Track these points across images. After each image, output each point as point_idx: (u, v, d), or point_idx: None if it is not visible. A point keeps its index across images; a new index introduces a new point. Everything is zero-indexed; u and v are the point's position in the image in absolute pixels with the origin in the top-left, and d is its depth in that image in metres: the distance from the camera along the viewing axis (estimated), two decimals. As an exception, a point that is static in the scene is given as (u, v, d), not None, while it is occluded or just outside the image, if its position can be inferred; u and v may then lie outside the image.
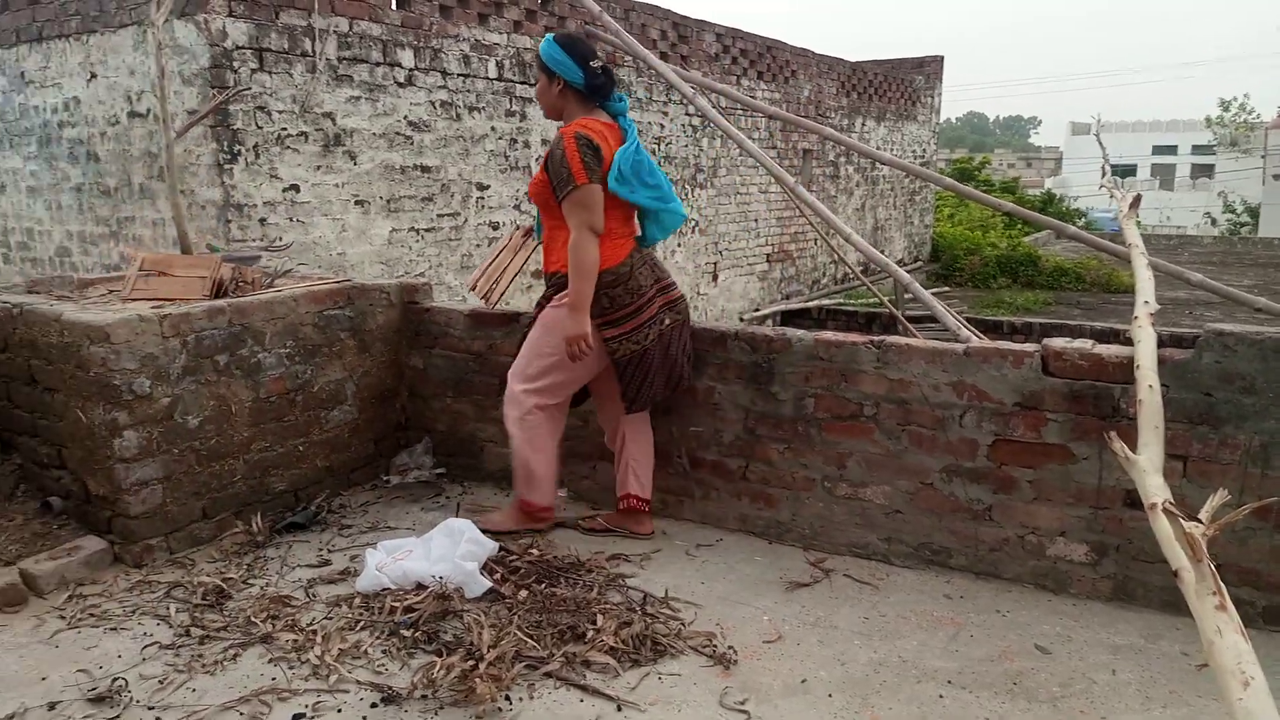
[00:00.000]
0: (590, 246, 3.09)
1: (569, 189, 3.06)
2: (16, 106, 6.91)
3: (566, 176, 3.05)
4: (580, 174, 3.04)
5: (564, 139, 3.08)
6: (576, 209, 3.08)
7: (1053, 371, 2.94)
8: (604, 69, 3.20)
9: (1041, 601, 2.99)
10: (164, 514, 3.26)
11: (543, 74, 3.25)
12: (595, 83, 3.18)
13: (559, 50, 3.17)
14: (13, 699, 2.46)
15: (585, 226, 3.08)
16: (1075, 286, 17.40)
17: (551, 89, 3.24)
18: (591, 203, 3.07)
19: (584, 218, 3.08)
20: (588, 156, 3.05)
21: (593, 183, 3.06)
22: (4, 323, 3.42)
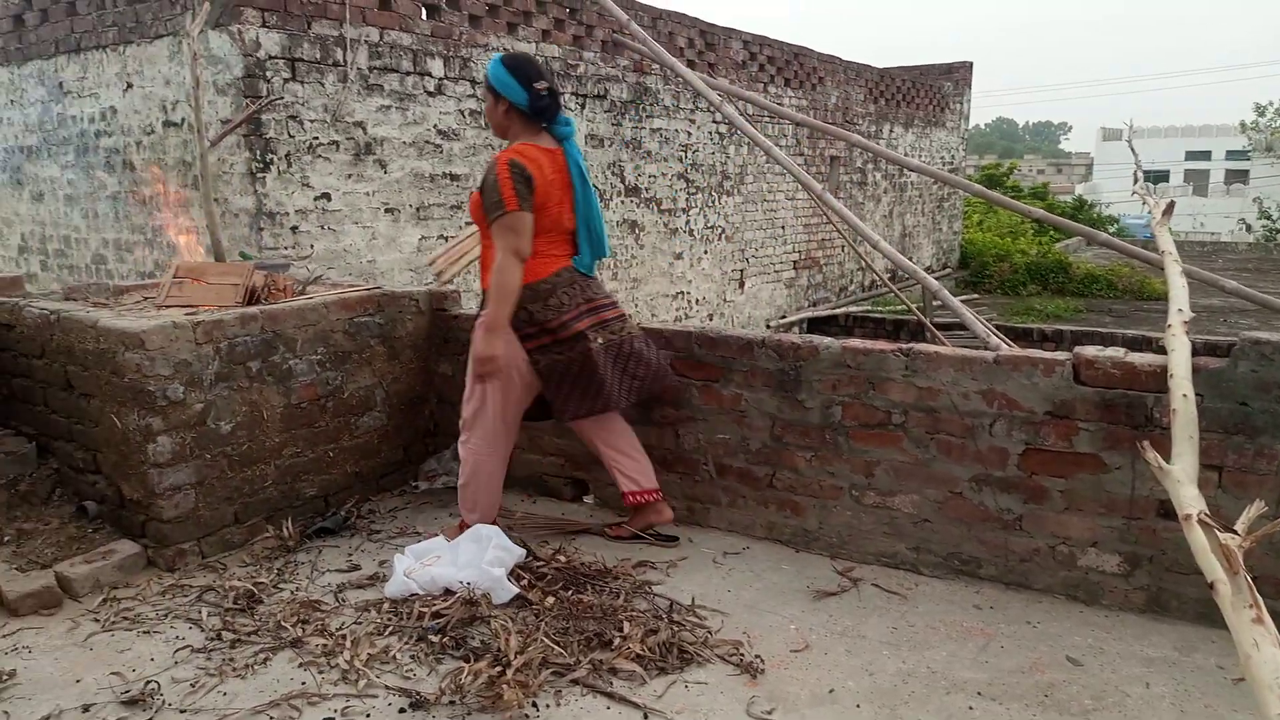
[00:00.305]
0: (513, 271, 3.15)
1: (498, 213, 3.12)
2: (55, 116, 7.04)
3: (496, 201, 3.11)
4: (510, 200, 3.09)
5: (497, 164, 3.14)
6: (503, 233, 3.13)
7: (1084, 380, 2.91)
8: (549, 91, 3.23)
9: (1073, 613, 2.96)
10: (196, 518, 3.30)
11: (490, 94, 3.29)
12: (539, 104, 3.21)
13: (505, 72, 3.21)
14: (48, 700, 2.50)
15: (510, 250, 3.14)
16: (1107, 294, 17.20)
17: (497, 109, 3.28)
18: (519, 228, 3.13)
19: (510, 242, 3.13)
20: (519, 184, 3.11)
21: (522, 210, 3.12)
22: (42, 329, 3.48)
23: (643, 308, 9.53)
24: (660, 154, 9.49)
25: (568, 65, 8.12)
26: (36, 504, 3.54)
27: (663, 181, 9.60)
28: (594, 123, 8.51)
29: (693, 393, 3.60)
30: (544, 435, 4.00)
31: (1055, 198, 32.55)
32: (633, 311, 9.36)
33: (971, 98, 17.49)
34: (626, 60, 8.82)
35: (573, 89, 8.21)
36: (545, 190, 3.19)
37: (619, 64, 8.75)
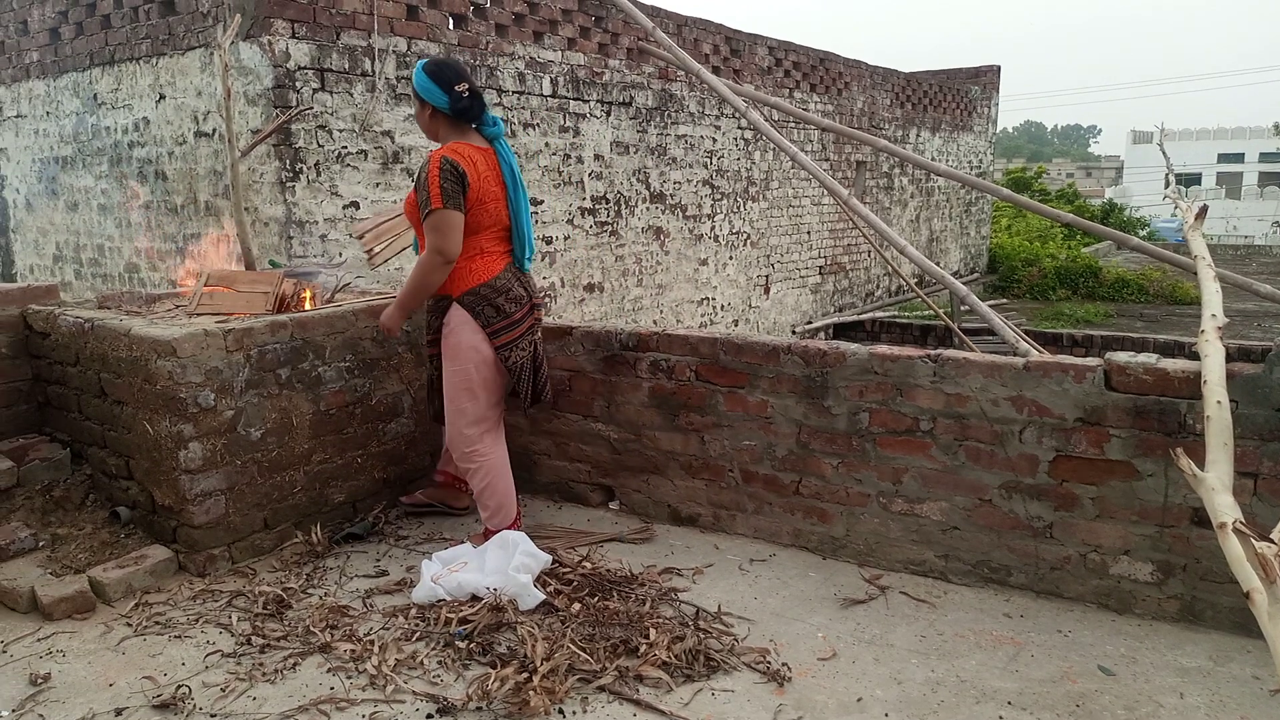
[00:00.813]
0: (435, 270, 3.24)
1: (426, 211, 3.19)
2: (90, 127, 7.16)
3: (425, 199, 3.18)
4: (437, 198, 3.15)
5: (429, 162, 3.20)
6: (430, 231, 3.20)
7: (1116, 386, 2.88)
8: (470, 92, 3.29)
9: (1105, 622, 2.92)
10: (227, 524, 3.34)
11: (416, 101, 3.38)
12: (459, 106, 3.28)
13: (426, 77, 3.29)
14: (81, 704, 2.53)
15: (434, 249, 3.21)
16: (1137, 298, 17.01)
17: (424, 114, 3.37)
18: (445, 226, 3.18)
19: (435, 240, 3.20)
20: (448, 182, 3.16)
21: (448, 208, 3.17)
22: (76, 337, 3.53)
23: (668, 314, 9.53)
24: (685, 160, 9.50)
25: (593, 73, 8.15)
26: (71, 509, 3.60)
27: (688, 188, 9.60)
28: (619, 130, 8.53)
29: (718, 399, 3.60)
30: (570, 442, 4.01)
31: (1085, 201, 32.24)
32: (658, 317, 9.37)
33: (999, 101, 17.37)
34: (651, 67, 8.85)
35: (598, 96, 8.24)
36: (480, 187, 3.24)
37: (644, 71, 8.77)
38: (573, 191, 8.13)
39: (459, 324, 3.34)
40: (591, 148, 8.25)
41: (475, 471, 3.47)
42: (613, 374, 3.84)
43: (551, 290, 8.04)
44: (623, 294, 8.89)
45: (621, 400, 3.84)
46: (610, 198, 8.56)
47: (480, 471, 3.47)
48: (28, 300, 3.83)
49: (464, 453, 3.46)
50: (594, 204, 8.38)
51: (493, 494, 3.48)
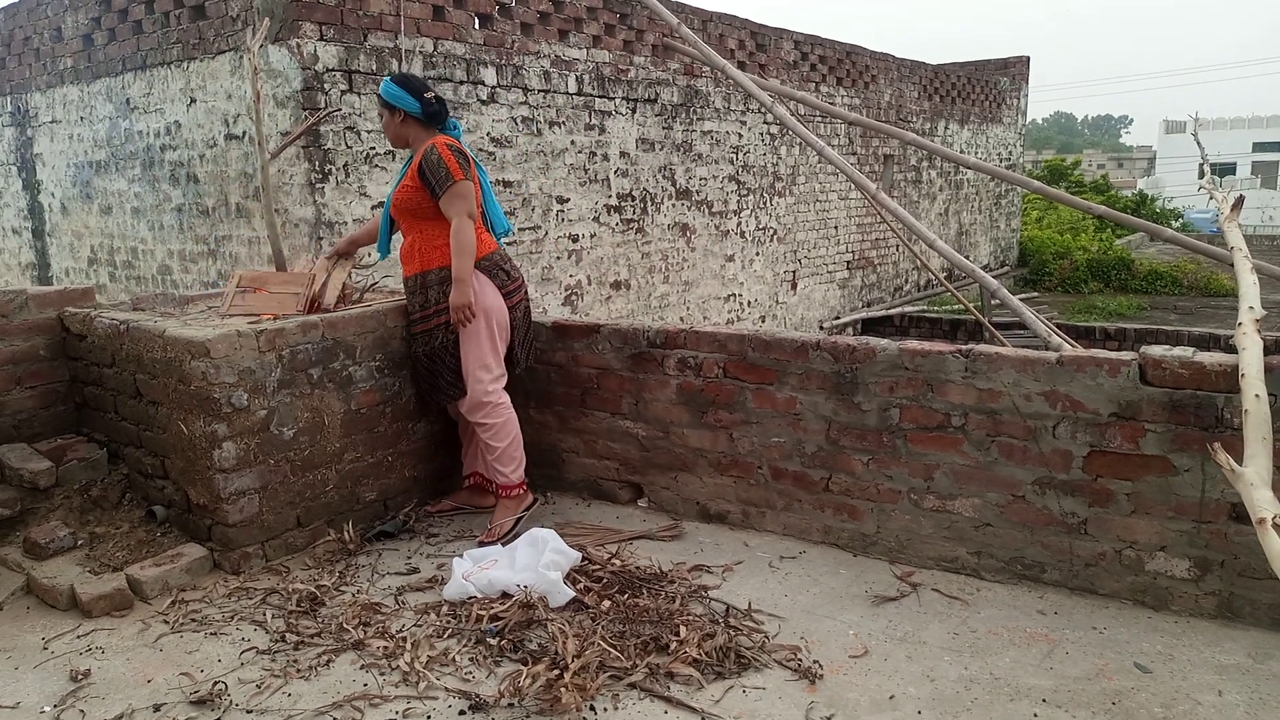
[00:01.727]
0: (471, 229, 3.54)
1: (449, 183, 3.50)
2: (122, 132, 7.26)
3: (445, 174, 3.50)
4: (457, 171, 3.51)
5: (437, 147, 3.53)
6: (457, 199, 3.52)
7: (1151, 380, 2.84)
8: (437, 98, 3.67)
9: (1141, 618, 2.88)
10: (260, 522, 3.37)
11: (385, 110, 3.69)
12: (430, 110, 3.63)
13: (396, 88, 3.63)
14: (120, 700, 2.57)
15: (465, 213, 3.53)
16: (1171, 290, 16.77)
17: (394, 121, 3.68)
18: (469, 193, 3.54)
19: (463, 206, 3.53)
20: (460, 159, 3.54)
21: (467, 179, 3.53)
22: (112, 339, 3.58)
23: (694, 310, 9.52)
24: (711, 156, 9.48)
25: (618, 70, 8.15)
26: (108, 508, 3.65)
27: (714, 184, 9.58)
28: (644, 126, 8.53)
29: (746, 396, 3.59)
30: (598, 440, 4.02)
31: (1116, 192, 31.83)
32: (684, 314, 9.36)
33: (1029, 92, 17.18)
34: (677, 64, 8.83)
35: (623, 93, 8.24)
36: (473, 173, 3.61)
37: (669, 67, 8.76)
38: (598, 189, 8.13)
39: (481, 286, 3.61)
40: (617, 145, 8.25)
41: (500, 427, 3.68)
42: (641, 371, 3.85)
43: (578, 288, 8.05)
44: (649, 291, 8.89)
45: (649, 398, 3.84)
46: (636, 195, 8.56)
47: (504, 426, 3.69)
48: (65, 303, 3.89)
49: (490, 407, 3.67)
50: (620, 201, 8.38)
51: (516, 446, 3.73)
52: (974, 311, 9.23)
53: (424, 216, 3.62)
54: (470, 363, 3.64)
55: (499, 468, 3.71)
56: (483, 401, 3.66)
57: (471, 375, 3.65)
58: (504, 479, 3.71)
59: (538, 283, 7.60)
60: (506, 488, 3.72)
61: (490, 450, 3.71)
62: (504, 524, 3.64)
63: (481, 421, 3.68)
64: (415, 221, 3.66)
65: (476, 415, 3.68)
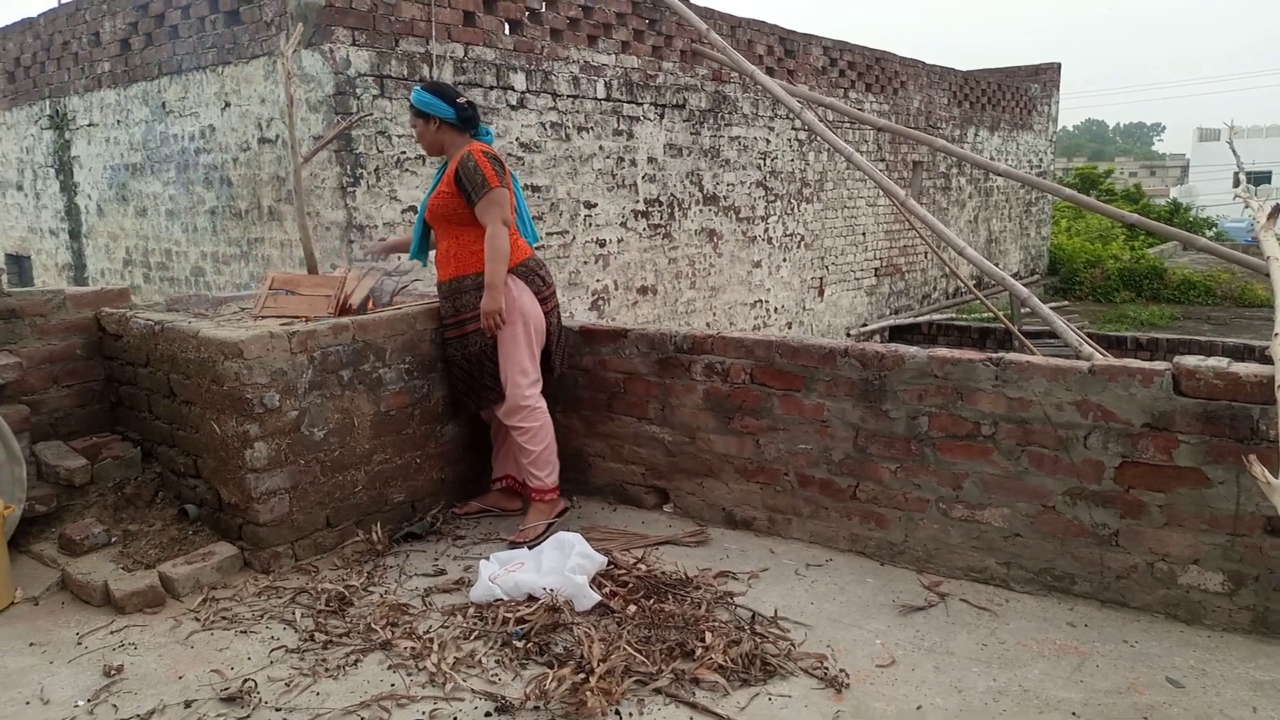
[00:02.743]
0: (506, 236, 3.58)
1: (485, 190, 3.54)
2: (158, 135, 7.36)
3: (481, 181, 3.54)
4: (493, 179, 3.55)
5: (474, 154, 3.58)
6: (492, 206, 3.56)
7: (1185, 391, 2.81)
8: (469, 103, 3.70)
9: (1173, 632, 2.85)
10: (290, 522, 3.41)
11: (419, 119, 3.73)
12: (465, 115, 3.68)
13: (429, 95, 3.68)
14: (152, 696, 2.60)
15: (500, 220, 3.57)
16: (1204, 300, 16.56)
17: (429, 129, 3.71)
18: (504, 200, 3.58)
19: (498, 213, 3.57)
20: (496, 167, 3.59)
21: (502, 186, 3.58)
22: (147, 339, 3.63)
23: (720, 316, 9.50)
24: (739, 162, 9.47)
25: (646, 76, 8.17)
26: (141, 506, 3.70)
27: (741, 190, 9.57)
28: (672, 132, 8.54)
29: (773, 402, 3.58)
30: (625, 445, 4.02)
31: (1149, 201, 31.47)
32: (710, 320, 9.35)
33: (1060, 99, 17.04)
34: (705, 69, 8.84)
35: (651, 99, 8.25)
36: (508, 179, 3.65)
37: (697, 73, 8.76)
38: (626, 194, 8.15)
39: (518, 292, 3.66)
40: (645, 150, 8.26)
41: (536, 431, 3.73)
42: (667, 376, 3.85)
43: (605, 293, 8.06)
44: (675, 296, 8.89)
45: (676, 403, 3.84)
46: (663, 200, 8.57)
47: (540, 431, 3.74)
48: (101, 303, 3.95)
49: (527, 411, 3.72)
50: (647, 207, 8.39)
51: (551, 451, 3.79)
52: (1004, 320, 9.16)
53: (459, 222, 3.65)
54: (509, 368, 3.68)
55: (534, 471, 3.74)
56: (520, 406, 3.70)
57: (510, 380, 3.68)
58: (538, 483, 3.75)
59: (565, 287, 7.62)
60: (540, 491, 3.75)
61: (526, 454, 3.74)
62: (536, 527, 3.67)
63: (518, 425, 3.72)
64: (450, 227, 3.70)
65: (513, 419, 3.72)
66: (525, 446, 3.73)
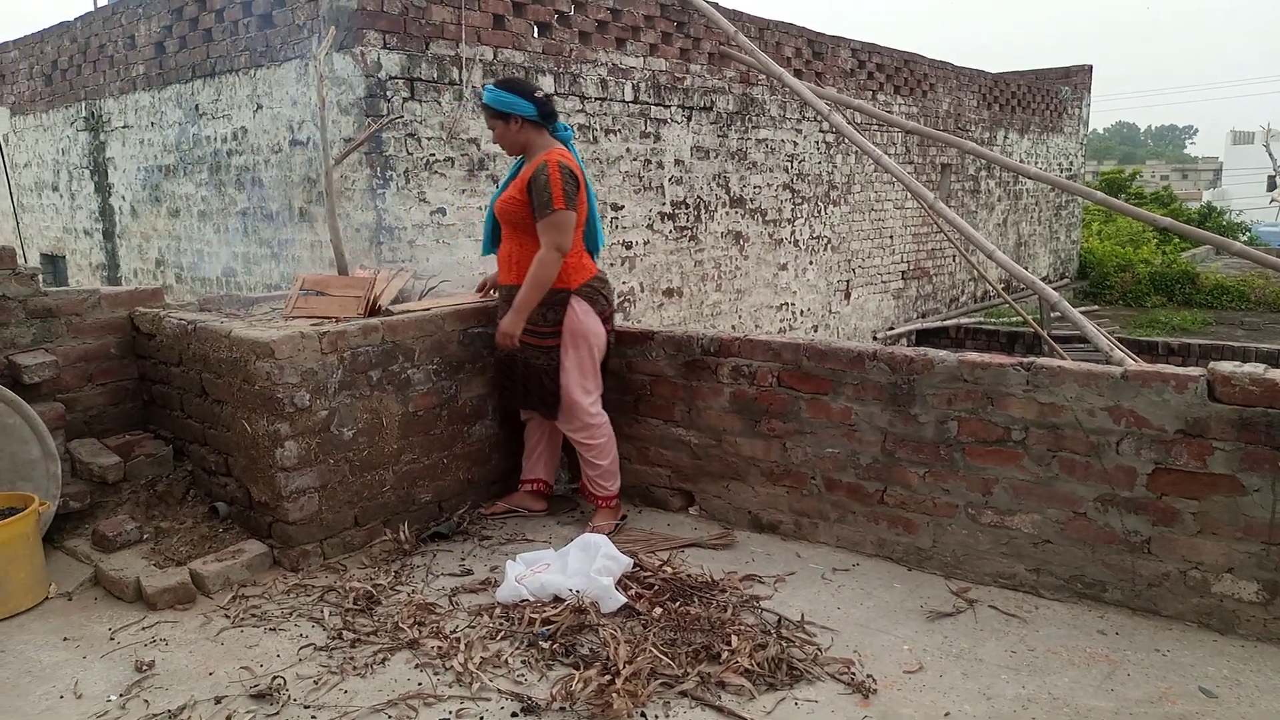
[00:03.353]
0: (554, 265, 3.52)
1: (548, 211, 3.45)
2: (191, 137, 7.45)
3: (547, 200, 3.45)
4: (560, 199, 3.44)
5: (549, 165, 3.47)
6: (551, 230, 3.48)
7: (1219, 397, 2.77)
8: (547, 96, 3.60)
9: (1206, 642, 2.81)
10: (319, 521, 3.44)
11: (498, 120, 3.62)
12: (546, 110, 3.57)
13: (505, 94, 3.56)
14: (183, 691, 2.63)
15: (554, 246, 3.50)
16: (1238, 305, 16.32)
17: (510, 129, 3.60)
18: (566, 225, 3.49)
19: (555, 238, 3.49)
20: (569, 185, 3.47)
21: (569, 209, 3.47)
22: (180, 339, 3.68)
23: (746, 319, 9.48)
24: (766, 164, 9.45)
25: (674, 78, 8.17)
26: (173, 504, 3.75)
27: (768, 192, 9.55)
28: (699, 134, 8.53)
29: (800, 405, 3.57)
30: (651, 447, 4.02)
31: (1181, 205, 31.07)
32: (736, 322, 9.34)
33: (1091, 102, 16.86)
34: (733, 71, 8.82)
35: (679, 101, 8.25)
36: (583, 190, 3.58)
37: (725, 75, 8.75)
38: (652, 197, 8.15)
39: (584, 312, 3.66)
40: (672, 153, 8.26)
41: (603, 447, 3.79)
42: (694, 379, 3.85)
43: (630, 295, 8.07)
44: (701, 299, 8.88)
45: (702, 405, 3.84)
46: (690, 202, 8.56)
47: (606, 445, 3.80)
48: (135, 303, 4.01)
49: (595, 427, 3.77)
50: (673, 209, 8.39)
51: (615, 462, 3.84)
52: (1033, 324, 9.07)
53: (525, 229, 3.62)
54: (573, 387, 3.69)
55: (603, 483, 3.81)
56: (588, 423, 3.75)
57: (574, 399, 3.71)
58: (605, 492, 3.82)
59: (591, 289, 7.61)
60: (607, 499, 3.83)
61: (594, 467, 3.79)
62: (608, 525, 3.76)
63: (586, 441, 3.77)
64: (515, 231, 3.67)
65: (581, 435, 3.76)
66: (593, 461, 3.78)
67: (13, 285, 3.68)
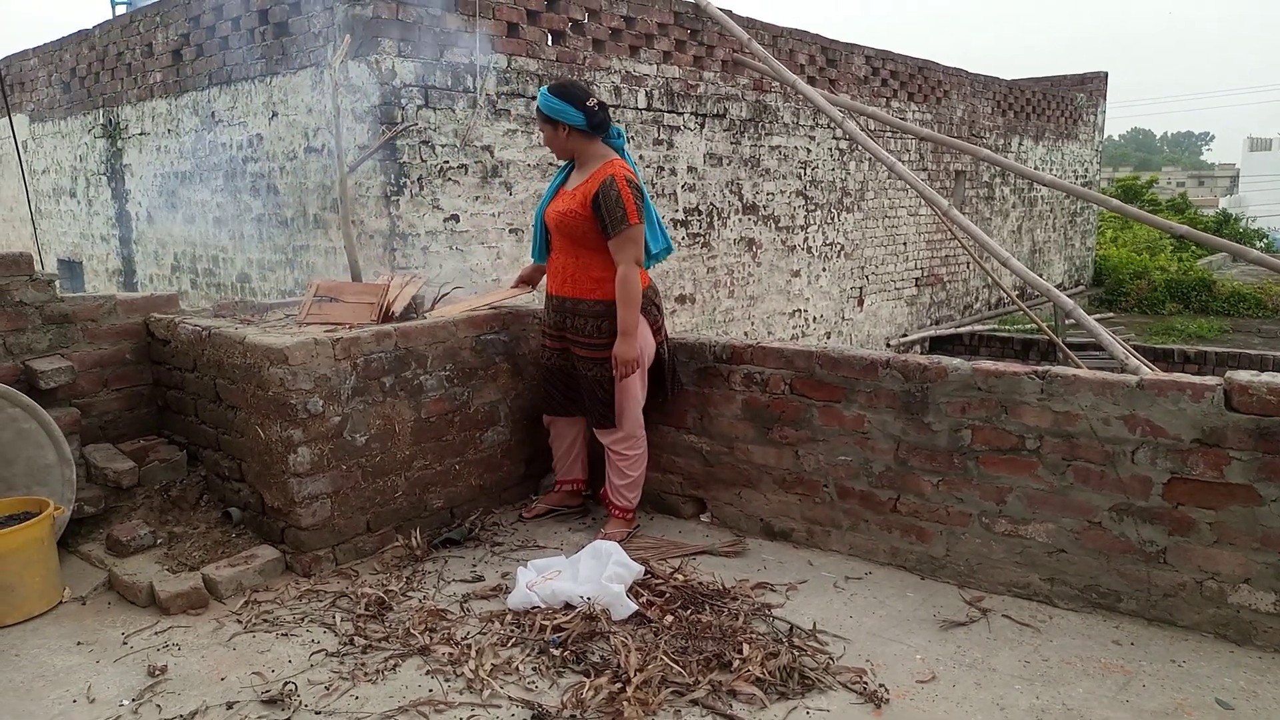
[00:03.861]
0: (639, 278, 3.50)
1: (623, 227, 3.42)
2: (207, 144, 7.50)
3: (621, 215, 3.41)
4: (634, 214, 3.43)
5: (617, 181, 3.43)
6: (628, 245, 3.45)
7: (1237, 406, 2.75)
8: (600, 105, 3.50)
9: (1222, 653, 2.78)
10: (332, 527, 3.44)
11: (547, 125, 3.56)
12: (596, 119, 3.49)
13: (556, 100, 3.48)
14: (195, 696, 2.64)
15: (633, 260, 3.47)
16: (1255, 313, 16.20)
17: (559, 135, 3.55)
18: (641, 239, 3.50)
19: (633, 252, 3.47)
20: (638, 200, 3.46)
21: (642, 223, 3.47)
22: (194, 345, 3.70)
23: (759, 325, 9.47)
24: (779, 171, 9.44)
25: (688, 85, 8.18)
26: (186, 509, 3.76)
27: (781, 199, 9.54)
28: (713, 141, 8.54)
29: (813, 413, 3.56)
30: (662, 454, 4.02)
31: (1197, 212, 30.88)
32: (749, 329, 9.32)
33: (1106, 108, 16.79)
34: (746, 79, 8.83)
35: (692, 108, 8.26)
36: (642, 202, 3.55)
37: (739, 83, 8.76)
38: (666, 203, 8.15)
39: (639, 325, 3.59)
40: (685, 160, 8.27)
41: (638, 459, 3.78)
42: (706, 386, 3.84)
43: (644, 301, 8.07)
44: (714, 305, 8.88)
45: (714, 412, 3.83)
46: (703, 209, 8.57)
47: (641, 457, 3.79)
48: (150, 309, 4.03)
49: (635, 439, 3.75)
50: (687, 216, 8.39)
51: (642, 478, 3.83)
52: (1048, 331, 9.03)
53: (584, 244, 3.56)
54: (625, 399, 3.67)
55: (627, 494, 3.80)
56: (633, 434, 3.73)
57: (626, 411, 3.68)
58: (626, 503, 3.81)
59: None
60: (625, 510, 3.82)
61: (622, 477, 3.77)
62: (619, 533, 3.75)
63: (624, 452, 3.75)
64: (572, 245, 3.60)
65: (621, 446, 3.74)
66: (625, 471, 3.76)
67: (30, 291, 3.71)
